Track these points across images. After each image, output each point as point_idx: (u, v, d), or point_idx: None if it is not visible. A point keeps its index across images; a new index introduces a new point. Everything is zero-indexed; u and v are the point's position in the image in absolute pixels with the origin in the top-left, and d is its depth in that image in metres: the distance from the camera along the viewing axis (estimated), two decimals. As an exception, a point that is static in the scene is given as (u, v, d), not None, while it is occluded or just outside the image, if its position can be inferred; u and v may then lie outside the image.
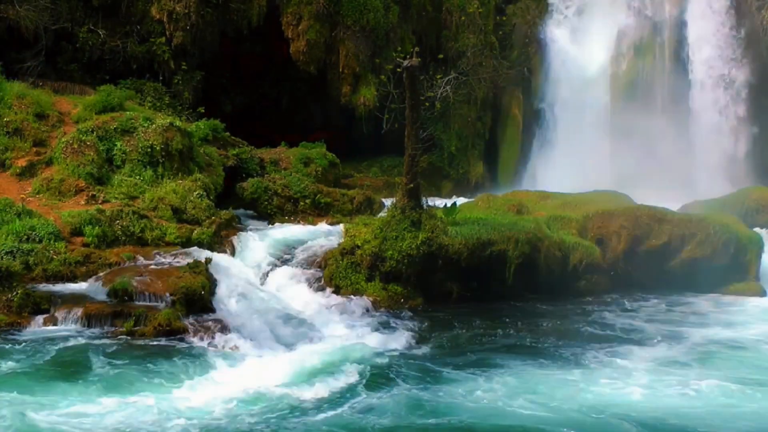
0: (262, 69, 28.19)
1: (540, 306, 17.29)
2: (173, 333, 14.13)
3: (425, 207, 17.77)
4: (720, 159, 26.84)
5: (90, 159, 19.49)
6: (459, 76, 26.33)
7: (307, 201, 21.90)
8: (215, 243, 17.95)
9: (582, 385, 12.48)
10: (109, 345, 13.50)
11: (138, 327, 14.19)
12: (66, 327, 14.25)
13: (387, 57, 26.30)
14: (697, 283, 18.60)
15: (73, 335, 13.87)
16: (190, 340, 14.02)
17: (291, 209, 21.71)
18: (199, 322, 14.58)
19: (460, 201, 20.98)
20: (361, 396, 11.88)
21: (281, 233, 19.40)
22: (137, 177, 19.66)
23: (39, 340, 13.58)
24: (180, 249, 17.20)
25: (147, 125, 20.39)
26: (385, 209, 20.60)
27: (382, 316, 16.19)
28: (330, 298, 16.89)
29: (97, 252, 16.57)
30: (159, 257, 16.79)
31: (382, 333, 15.10)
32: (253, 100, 28.69)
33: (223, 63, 27.45)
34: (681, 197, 22.32)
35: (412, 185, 17.67)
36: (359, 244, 17.46)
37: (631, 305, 17.53)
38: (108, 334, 14.05)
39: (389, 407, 11.48)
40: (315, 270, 17.75)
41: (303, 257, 18.31)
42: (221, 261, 16.86)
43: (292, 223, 20.82)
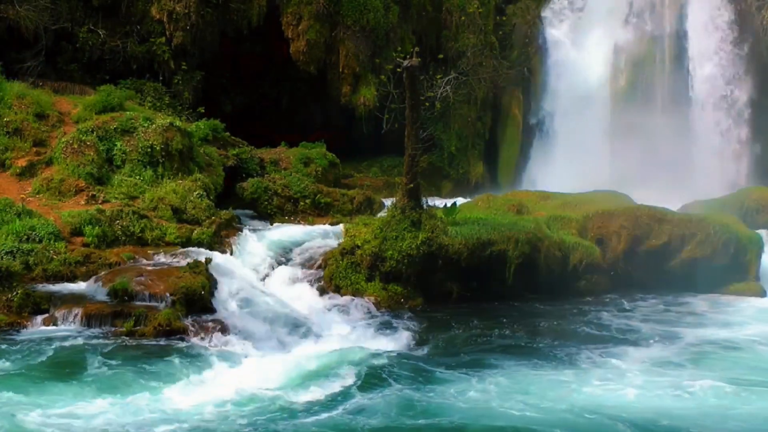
0: (262, 69, 28.14)
1: (539, 306, 17.30)
2: (173, 333, 14.13)
3: (425, 207, 17.78)
4: (721, 183, 26.44)
5: (90, 159, 19.51)
6: (459, 76, 26.31)
7: (307, 201, 21.92)
8: (215, 243, 17.95)
9: (575, 386, 12.50)
10: (108, 345, 13.48)
11: (138, 327, 14.19)
12: (66, 327, 14.23)
13: (387, 57, 26.26)
14: (697, 283, 18.60)
15: (73, 335, 13.84)
16: (189, 340, 14.01)
17: (291, 209, 21.74)
18: (199, 322, 14.58)
19: (460, 201, 20.93)
20: (355, 398, 11.87)
21: (281, 233, 19.40)
22: (137, 177, 19.67)
23: (38, 340, 13.57)
24: (180, 249, 17.20)
25: (147, 125, 20.40)
26: (385, 209, 20.60)
27: (381, 316, 16.21)
28: (330, 298, 16.90)
29: (97, 252, 16.58)
30: (159, 257, 16.80)
31: (381, 334, 15.13)
32: (253, 100, 28.65)
33: (223, 63, 27.41)
34: (681, 197, 22.28)
35: (412, 185, 17.69)
36: (359, 244, 17.47)
37: (630, 305, 17.54)
38: (108, 334, 14.03)
39: (380, 408, 11.49)
40: (315, 270, 17.76)
41: (303, 257, 18.32)
42: (221, 261, 16.83)
43: (292, 223, 20.84)
